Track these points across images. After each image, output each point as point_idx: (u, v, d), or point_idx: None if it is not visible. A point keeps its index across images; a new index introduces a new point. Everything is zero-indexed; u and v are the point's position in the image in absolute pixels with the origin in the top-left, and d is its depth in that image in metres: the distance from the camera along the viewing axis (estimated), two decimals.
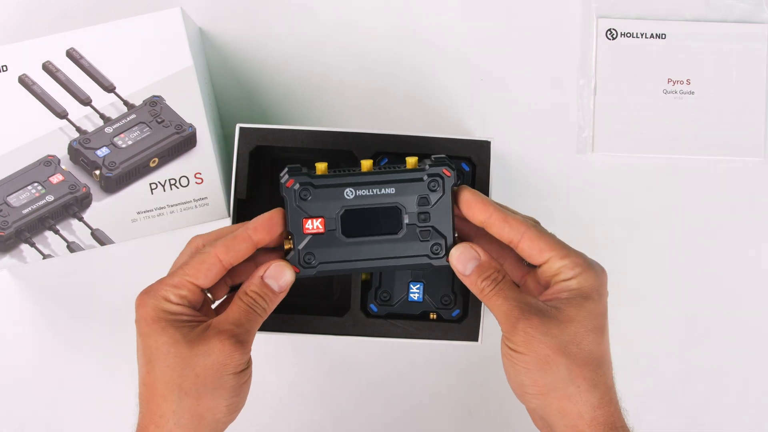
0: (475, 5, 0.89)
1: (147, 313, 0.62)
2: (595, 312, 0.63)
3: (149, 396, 0.62)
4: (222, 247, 0.63)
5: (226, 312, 0.64)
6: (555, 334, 0.61)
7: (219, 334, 0.62)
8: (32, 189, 0.77)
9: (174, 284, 0.63)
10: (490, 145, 0.76)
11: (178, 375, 0.61)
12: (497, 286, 0.64)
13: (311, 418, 0.88)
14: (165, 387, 0.61)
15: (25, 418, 0.88)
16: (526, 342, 0.62)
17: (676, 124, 0.88)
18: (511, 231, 0.64)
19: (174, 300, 0.63)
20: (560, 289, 0.64)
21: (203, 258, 0.63)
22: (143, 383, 0.63)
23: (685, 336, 0.88)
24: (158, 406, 0.62)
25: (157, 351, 0.61)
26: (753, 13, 0.88)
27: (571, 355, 0.62)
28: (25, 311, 0.88)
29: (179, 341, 0.61)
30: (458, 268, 0.65)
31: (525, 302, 0.63)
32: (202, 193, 0.78)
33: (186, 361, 0.61)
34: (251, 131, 0.75)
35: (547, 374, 0.62)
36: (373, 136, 0.75)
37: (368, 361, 0.89)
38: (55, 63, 0.78)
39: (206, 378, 0.61)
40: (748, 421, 0.89)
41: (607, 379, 0.63)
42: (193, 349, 0.61)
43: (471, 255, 0.65)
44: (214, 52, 0.88)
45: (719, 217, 0.89)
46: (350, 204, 0.65)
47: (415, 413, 0.88)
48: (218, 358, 0.61)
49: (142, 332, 0.63)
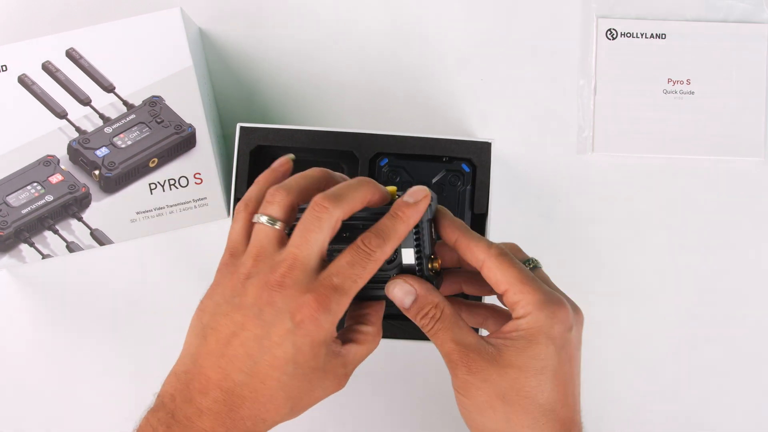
0: (475, 5, 0.88)
1: (318, 336, 0.57)
2: (540, 356, 0.59)
3: (260, 394, 0.57)
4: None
5: (358, 348, 0.62)
6: (493, 380, 0.59)
7: (347, 376, 0.61)
8: (31, 189, 0.77)
9: (346, 304, 0.58)
10: (491, 147, 0.76)
11: (300, 396, 0.59)
12: (435, 325, 0.61)
13: (311, 418, 0.88)
14: (284, 400, 0.58)
15: (25, 418, 0.88)
16: (465, 387, 0.60)
17: (676, 124, 0.88)
18: (473, 257, 0.61)
19: (336, 337, 0.60)
20: (513, 327, 0.60)
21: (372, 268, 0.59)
22: (260, 380, 0.57)
23: (685, 336, 0.88)
24: (267, 410, 0.58)
25: (300, 369, 0.57)
26: (753, 13, 0.88)
27: (509, 402, 0.59)
28: (24, 311, 0.88)
29: (321, 369, 0.59)
30: (396, 302, 0.62)
31: (464, 344, 0.60)
32: (201, 193, 0.78)
33: (313, 384, 0.59)
34: (252, 131, 0.75)
35: (489, 420, 0.60)
36: (373, 137, 0.75)
37: (368, 362, 0.88)
38: (55, 63, 0.78)
39: (313, 403, 0.61)
40: (748, 421, 0.88)
41: (555, 424, 0.60)
42: (325, 380, 0.59)
43: (406, 289, 0.61)
44: (214, 52, 0.88)
45: (719, 217, 0.89)
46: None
47: (416, 414, 0.88)
48: (330, 392, 0.61)
49: (298, 347, 0.57)
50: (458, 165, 0.76)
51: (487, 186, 0.76)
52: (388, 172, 0.77)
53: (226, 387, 0.57)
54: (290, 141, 0.75)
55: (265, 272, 0.57)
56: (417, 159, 0.79)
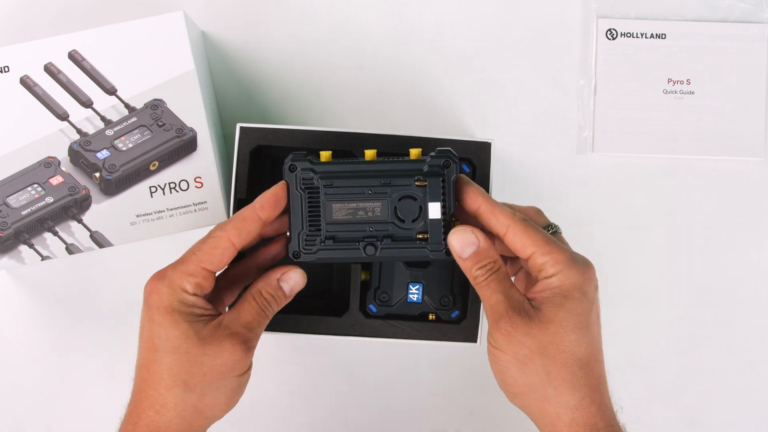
0: (475, 5, 0.88)
1: (161, 301, 0.62)
2: (577, 311, 0.62)
3: (150, 381, 0.63)
4: (233, 229, 0.63)
5: (237, 311, 0.64)
6: (534, 334, 0.61)
7: (231, 337, 0.62)
8: (32, 190, 0.77)
9: (189, 272, 0.62)
10: (491, 147, 0.76)
11: (186, 371, 0.61)
12: (490, 277, 0.63)
13: (311, 418, 0.89)
14: (171, 379, 0.62)
15: (24, 418, 0.88)
16: (507, 340, 0.62)
17: (676, 124, 0.88)
18: (497, 223, 0.63)
19: (189, 290, 0.62)
20: (543, 286, 0.63)
21: (216, 242, 0.63)
22: (145, 367, 0.63)
23: (685, 336, 0.89)
24: (160, 394, 0.62)
25: (167, 342, 0.62)
26: (753, 13, 0.88)
27: (549, 355, 0.61)
28: (23, 312, 0.88)
29: (191, 337, 0.62)
30: (455, 248, 0.64)
31: (512, 299, 0.62)
32: (201, 197, 0.78)
33: (195, 358, 0.61)
34: (252, 131, 0.75)
35: (526, 375, 0.62)
36: (373, 137, 0.75)
37: (368, 362, 0.89)
38: (57, 65, 0.78)
39: (212, 377, 0.62)
40: (748, 421, 0.89)
41: (591, 379, 0.62)
42: (204, 347, 0.62)
43: (470, 239, 0.64)
44: (216, 53, 0.88)
45: (719, 217, 0.89)
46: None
47: (416, 414, 0.88)
48: (227, 361, 0.62)
49: (152, 319, 0.62)
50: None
51: (487, 186, 0.76)
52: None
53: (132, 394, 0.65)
54: (290, 141, 0.75)
55: None
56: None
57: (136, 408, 0.63)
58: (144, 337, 0.63)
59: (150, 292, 0.63)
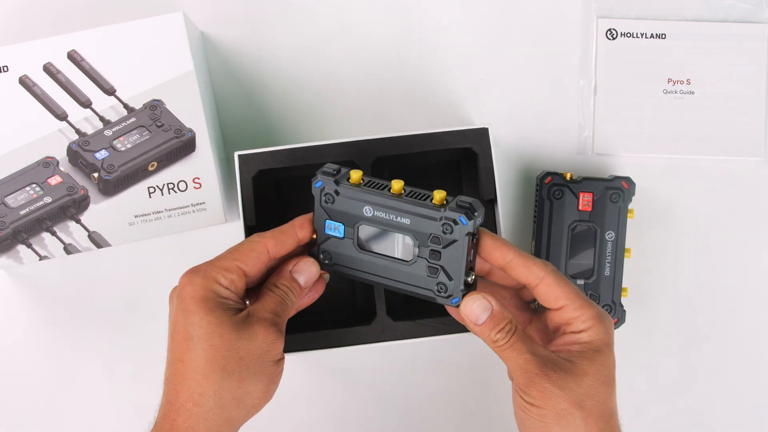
0: (475, 6, 0.88)
1: (195, 292, 0.63)
2: (606, 364, 0.64)
3: (186, 372, 0.63)
4: (271, 238, 0.66)
5: (261, 302, 0.65)
6: (571, 388, 0.62)
7: (262, 321, 0.63)
8: (30, 190, 0.77)
9: (225, 267, 0.64)
10: (489, 132, 0.76)
11: (223, 356, 0.62)
12: (512, 338, 0.64)
13: (311, 418, 0.89)
14: (208, 366, 0.62)
15: (24, 418, 0.88)
16: (544, 396, 0.62)
17: (676, 124, 0.88)
18: (531, 275, 0.65)
19: (224, 283, 0.64)
20: (571, 340, 0.65)
21: (253, 246, 0.65)
22: (180, 359, 0.63)
23: (685, 336, 0.88)
24: (198, 383, 0.62)
25: (202, 329, 0.62)
26: (753, 13, 0.88)
27: (586, 408, 0.63)
28: (20, 312, 0.88)
29: (225, 323, 0.62)
30: (470, 318, 0.65)
31: (540, 356, 0.63)
32: (200, 198, 0.78)
33: (231, 343, 0.62)
34: (250, 157, 0.75)
35: (565, 428, 0.63)
36: (371, 142, 0.75)
37: (369, 362, 0.89)
38: (56, 64, 0.78)
39: (249, 362, 0.63)
40: (748, 421, 0.89)
41: (615, 428, 0.65)
42: (239, 332, 0.62)
43: (484, 306, 0.64)
44: (215, 54, 0.87)
45: (719, 217, 0.89)
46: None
47: (416, 414, 0.88)
48: (262, 344, 0.63)
49: (187, 309, 0.63)
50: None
51: (491, 171, 0.75)
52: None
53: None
54: (290, 161, 0.75)
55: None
56: (418, 167, 0.81)
57: (171, 406, 0.63)
58: (177, 329, 0.64)
59: (184, 284, 0.64)
